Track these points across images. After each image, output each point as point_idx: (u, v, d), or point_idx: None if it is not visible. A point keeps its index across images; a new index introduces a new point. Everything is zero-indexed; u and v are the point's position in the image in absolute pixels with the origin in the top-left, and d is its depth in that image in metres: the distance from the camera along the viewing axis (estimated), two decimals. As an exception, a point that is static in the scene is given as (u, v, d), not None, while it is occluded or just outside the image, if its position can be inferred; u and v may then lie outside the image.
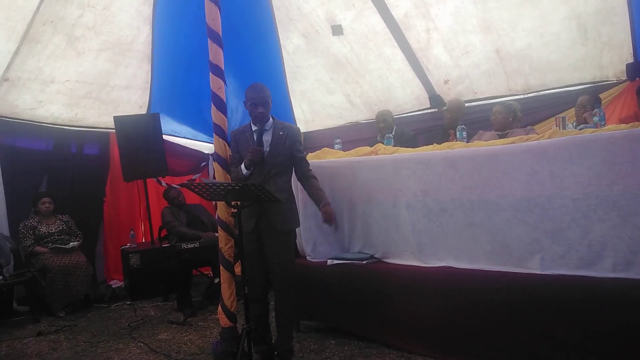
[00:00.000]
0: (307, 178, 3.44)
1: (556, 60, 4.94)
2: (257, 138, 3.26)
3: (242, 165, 3.28)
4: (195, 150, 7.06)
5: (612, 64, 4.78)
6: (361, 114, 6.36)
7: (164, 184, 6.41)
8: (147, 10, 5.39)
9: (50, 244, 5.22)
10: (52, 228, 5.35)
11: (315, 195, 3.41)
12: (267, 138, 3.30)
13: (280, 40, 5.82)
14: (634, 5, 4.28)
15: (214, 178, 3.59)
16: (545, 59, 4.99)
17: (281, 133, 3.31)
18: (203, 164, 7.14)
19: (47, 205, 5.38)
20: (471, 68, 5.39)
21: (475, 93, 5.56)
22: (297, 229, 3.61)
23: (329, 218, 3.34)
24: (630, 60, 4.61)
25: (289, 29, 5.67)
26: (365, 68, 5.82)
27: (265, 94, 3.27)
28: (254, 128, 3.32)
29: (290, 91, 6.32)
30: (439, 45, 5.31)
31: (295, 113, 6.58)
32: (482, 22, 4.93)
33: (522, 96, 5.25)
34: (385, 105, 5.89)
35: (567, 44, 4.79)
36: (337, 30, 5.42)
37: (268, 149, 3.27)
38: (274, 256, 3.28)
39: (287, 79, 6.20)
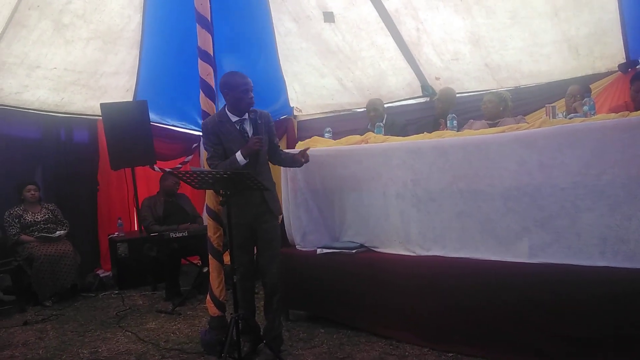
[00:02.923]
0: (280, 155, 3.50)
1: (548, 70, 4.98)
2: (253, 127, 3.23)
3: (239, 155, 3.13)
4: (185, 132, 6.93)
5: (604, 66, 4.79)
6: (353, 98, 6.28)
7: (157, 168, 6.33)
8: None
9: (36, 233, 5.15)
10: (38, 216, 5.28)
11: (290, 155, 3.49)
12: (247, 127, 3.25)
13: (273, 21, 5.72)
14: (625, 11, 4.26)
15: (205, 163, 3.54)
16: (536, 70, 5.03)
17: (260, 121, 3.27)
18: (194, 145, 7.01)
19: (32, 192, 5.30)
20: (462, 74, 5.42)
21: (467, 88, 5.56)
22: (285, 219, 3.61)
23: (304, 154, 3.37)
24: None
25: (281, 11, 5.58)
26: (357, 55, 5.74)
27: (250, 80, 3.21)
28: (234, 119, 3.22)
29: (283, 71, 6.22)
30: (429, 47, 5.29)
31: (288, 92, 6.48)
32: (471, 35, 4.95)
33: (513, 87, 5.25)
34: (378, 91, 5.83)
35: (558, 62, 4.85)
36: (328, 17, 5.35)
37: None
38: (270, 241, 3.28)
39: (280, 59, 6.09)
